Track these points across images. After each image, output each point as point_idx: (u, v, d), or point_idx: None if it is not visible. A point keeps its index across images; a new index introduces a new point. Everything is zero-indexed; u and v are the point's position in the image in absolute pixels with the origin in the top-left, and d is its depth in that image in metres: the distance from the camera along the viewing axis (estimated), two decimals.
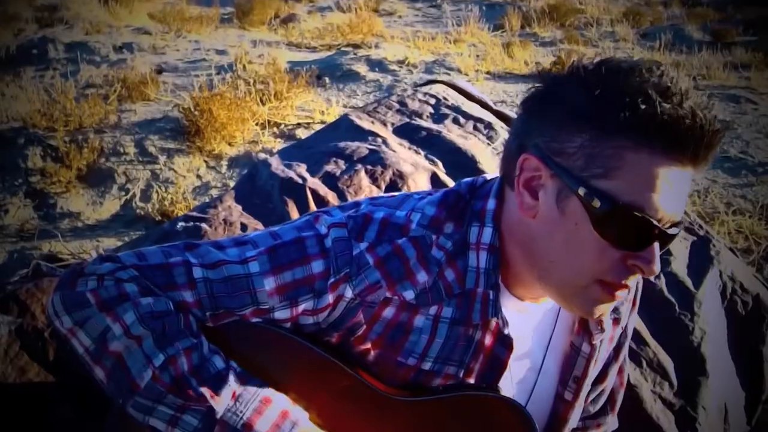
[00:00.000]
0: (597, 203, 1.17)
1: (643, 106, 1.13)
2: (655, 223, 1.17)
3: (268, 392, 1.28)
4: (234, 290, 1.29)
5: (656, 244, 1.19)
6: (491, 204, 1.34)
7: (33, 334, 2.17)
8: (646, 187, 1.16)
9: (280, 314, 1.32)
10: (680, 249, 2.88)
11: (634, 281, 1.25)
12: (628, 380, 2.43)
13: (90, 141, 4.65)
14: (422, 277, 1.33)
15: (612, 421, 1.72)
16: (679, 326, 2.67)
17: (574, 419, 1.58)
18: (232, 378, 1.26)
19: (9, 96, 5.40)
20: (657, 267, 1.20)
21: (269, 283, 1.29)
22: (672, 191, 1.17)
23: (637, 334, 2.58)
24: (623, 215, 1.16)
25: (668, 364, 2.59)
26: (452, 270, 1.33)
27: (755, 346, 2.80)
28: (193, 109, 4.89)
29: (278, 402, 1.28)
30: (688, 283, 2.76)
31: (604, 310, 1.30)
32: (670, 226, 1.19)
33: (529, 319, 1.46)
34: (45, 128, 4.77)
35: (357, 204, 1.42)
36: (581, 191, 1.18)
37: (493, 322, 1.35)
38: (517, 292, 1.38)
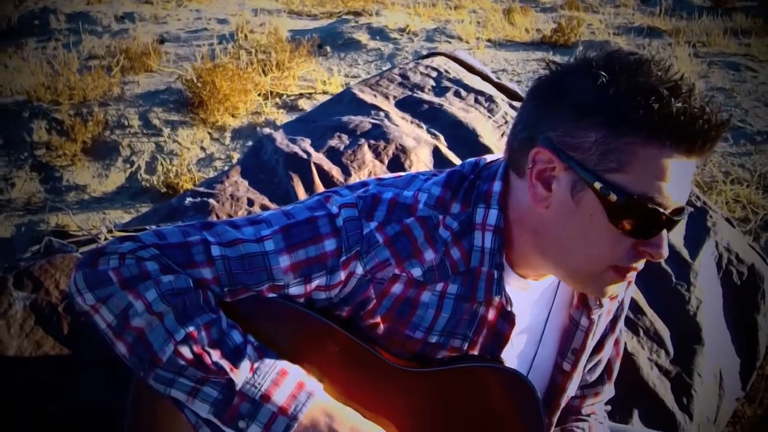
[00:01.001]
0: (613, 197, 1.23)
1: (655, 105, 1.18)
2: (665, 212, 1.24)
3: (285, 364, 1.35)
4: (250, 267, 1.35)
5: (665, 232, 1.26)
6: (497, 186, 1.40)
7: (47, 309, 2.22)
8: (657, 180, 1.23)
9: (294, 290, 1.38)
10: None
11: (643, 264, 1.32)
12: (626, 349, 2.50)
13: (94, 114, 4.68)
14: (429, 255, 1.39)
15: (609, 389, 1.80)
16: (676, 296, 2.73)
17: (572, 388, 1.65)
18: (249, 351, 1.33)
19: (12, 68, 5.40)
20: (665, 252, 1.28)
21: (284, 261, 1.36)
22: (679, 181, 1.24)
23: (634, 304, 2.64)
24: (637, 207, 1.23)
25: (665, 332, 2.66)
26: (458, 249, 1.40)
27: (750, 315, 2.87)
28: (195, 81, 4.91)
29: (294, 374, 1.34)
30: (685, 253, 2.82)
31: (615, 290, 1.38)
32: (676, 213, 1.26)
33: (530, 295, 1.52)
34: (49, 102, 4.79)
35: (365, 184, 1.48)
36: (597, 185, 1.24)
37: (497, 299, 1.42)
38: (520, 270, 1.45)
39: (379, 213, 1.40)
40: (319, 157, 2.85)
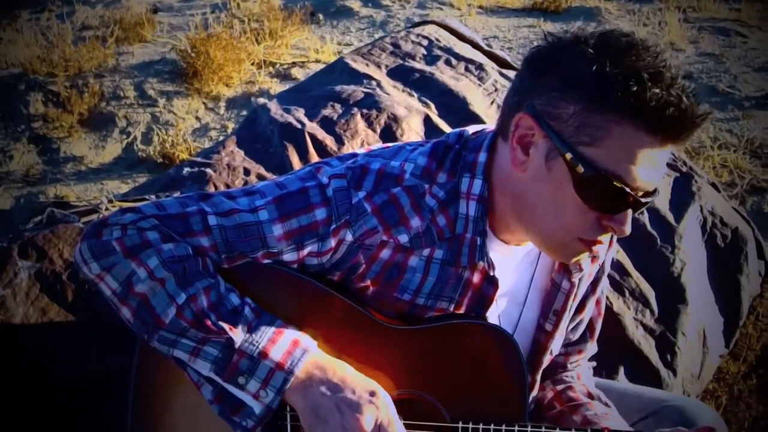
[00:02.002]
0: (581, 169, 1.30)
1: (634, 88, 1.24)
2: (631, 192, 1.30)
3: (280, 324, 1.43)
4: (246, 236, 1.43)
5: (629, 211, 1.34)
6: (482, 157, 1.47)
7: (52, 277, 2.29)
8: (627, 160, 1.29)
9: (287, 257, 1.46)
10: (663, 185, 3.00)
11: (608, 238, 1.41)
12: (612, 309, 2.59)
13: (90, 86, 4.71)
14: (416, 222, 1.47)
15: (591, 347, 1.88)
16: (661, 258, 2.82)
17: (555, 347, 1.73)
18: (247, 312, 1.41)
19: (6, 41, 5.40)
20: (628, 229, 1.35)
21: (277, 230, 1.43)
22: (650, 165, 1.30)
23: (620, 266, 2.73)
24: (603, 182, 1.30)
25: (650, 293, 2.74)
26: (444, 216, 1.47)
27: (733, 276, 2.96)
28: (190, 51, 4.94)
29: (289, 332, 1.42)
30: (670, 217, 2.90)
31: (581, 259, 1.48)
32: (644, 195, 1.33)
33: (513, 259, 1.60)
34: (45, 74, 4.81)
35: (354, 155, 1.55)
36: (568, 155, 1.31)
37: (480, 264, 1.49)
38: (503, 236, 1.53)
39: (367, 183, 1.47)
40: (313, 127, 2.91)
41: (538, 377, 1.75)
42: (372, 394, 1.39)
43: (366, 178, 1.48)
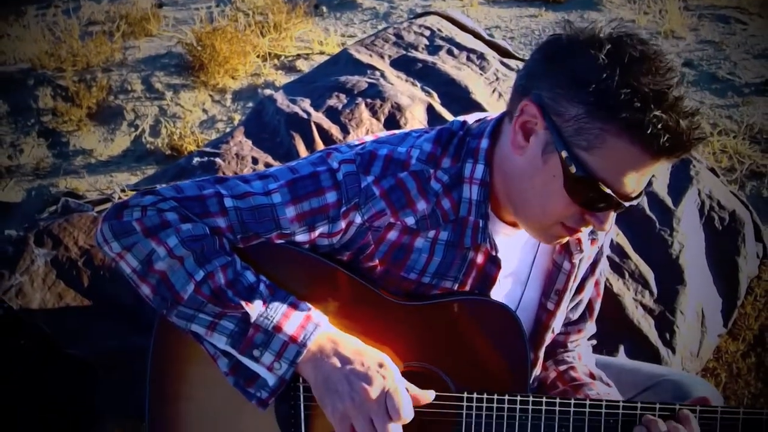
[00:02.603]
0: (573, 169, 1.37)
1: (636, 104, 1.29)
2: (617, 198, 1.37)
3: (294, 300, 1.50)
4: (260, 218, 1.50)
5: (612, 212, 1.43)
6: (484, 143, 1.54)
7: (68, 264, 2.37)
8: (618, 170, 1.36)
9: (300, 237, 1.53)
10: (661, 170, 3.07)
11: (589, 229, 1.49)
12: (612, 289, 2.66)
13: (98, 80, 4.76)
14: (422, 205, 1.54)
15: (590, 326, 1.94)
16: (659, 240, 2.88)
17: (556, 325, 1.80)
18: (262, 288, 1.48)
19: (14, 37, 5.44)
20: (608, 227, 1.44)
21: (290, 212, 1.50)
22: (640, 177, 1.37)
23: (620, 248, 2.79)
24: (592, 185, 1.37)
25: (649, 274, 2.81)
26: (448, 200, 1.54)
27: (731, 257, 3.02)
28: (195, 44, 4.99)
29: (302, 307, 1.50)
30: (668, 201, 2.97)
31: (562, 242, 1.55)
32: (628, 199, 1.40)
33: (516, 241, 1.67)
34: (53, 69, 4.86)
35: (362, 142, 1.62)
36: (564, 154, 1.37)
37: (484, 246, 1.57)
38: (506, 218, 1.60)
39: (376, 168, 1.54)
40: (318, 117, 2.97)
41: (541, 354, 1.81)
42: (380, 365, 1.46)
43: (374, 163, 1.55)
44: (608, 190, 1.37)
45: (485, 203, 1.55)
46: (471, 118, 1.64)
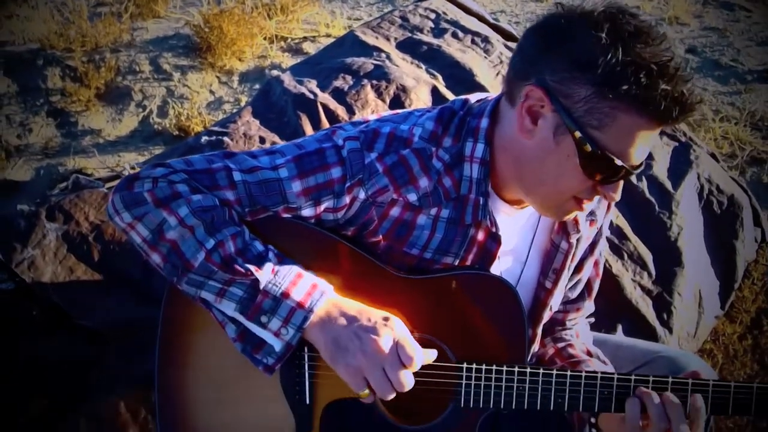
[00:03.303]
0: (588, 148, 1.43)
1: (644, 81, 1.36)
2: (630, 170, 1.45)
3: (301, 269, 1.55)
4: (268, 191, 1.55)
5: (621, 181, 1.49)
6: (484, 123, 1.59)
7: (78, 239, 2.42)
8: (629, 143, 1.43)
9: (306, 212, 1.58)
10: (662, 154, 3.11)
11: (598, 198, 1.56)
12: (611, 270, 2.71)
13: (106, 60, 4.79)
14: (424, 182, 1.59)
15: (589, 305, 2.00)
16: (658, 223, 2.93)
17: (555, 303, 1.85)
18: (271, 257, 1.53)
19: (23, 17, 5.47)
20: (619, 196, 1.52)
21: (296, 186, 1.55)
22: (645, 145, 1.45)
23: (619, 230, 2.84)
24: (607, 162, 1.43)
25: (647, 256, 2.86)
26: (449, 178, 1.59)
27: (729, 241, 3.06)
28: (203, 26, 5.02)
29: (309, 276, 1.55)
30: (668, 185, 3.01)
31: (573, 215, 1.61)
32: (635, 167, 1.48)
33: (516, 220, 1.72)
34: (62, 49, 4.89)
35: (366, 120, 1.67)
36: (577, 134, 1.43)
37: (484, 224, 1.62)
38: (506, 196, 1.65)
39: (379, 145, 1.59)
40: (325, 97, 3.01)
41: (539, 331, 1.87)
42: (385, 318, 1.52)
43: (378, 140, 1.60)
44: (622, 163, 1.43)
45: (485, 181, 1.59)
46: (473, 98, 1.68)
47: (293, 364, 1.60)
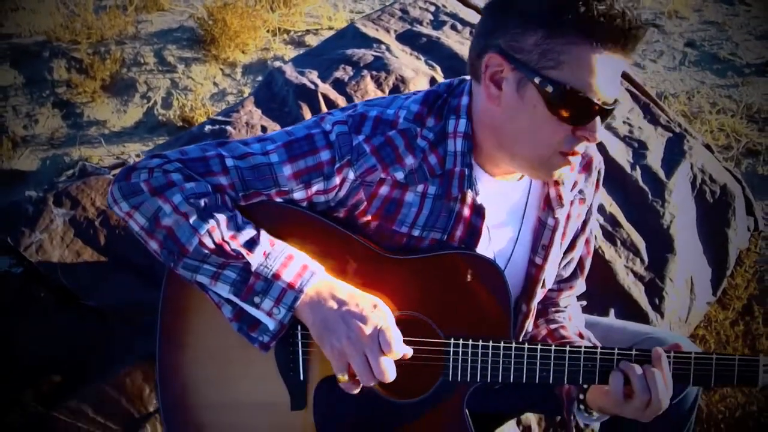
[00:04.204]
0: (549, 89, 1.49)
1: (582, 9, 1.43)
2: (595, 101, 1.49)
3: (292, 250, 1.62)
4: (260, 175, 1.62)
5: (598, 118, 1.53)
6: (465, 100, 1.66)
7: (85, 224, 2.48)
8: (587, 74, 1.48)
9: (297, 195, 1.65)
10: (656, 144, 3.17)
11: (584, 147, 1.58)
12: (604, 256, 2.77)
13: (112, 52, 4.86)
14: (410, 160, 1.66)
15: (581, 283, 2.06)
16: (651, 211, 2.99)
17: (548, 280, 1.91)
18: (262, 240, 1.60)
19: (29, 9, 5.53)
20: (599, 136, 1.55)
21: (287, 170, 1.62)
22: (608, 75, 1.50)
23: (613, 218, 2.90)
24: (570, 97, 1.49)
25: (640, 243, 2.92)
26: (434, 155, 1.66)
27: (721, 229, 3.13)
28: (207, 19, 5.08)
29: (299, 257, 1.61)
30: (661, 174, 3.07)
31: (561, 174, 1.64)
32: (607, 105, 1.52)
33: (504, 198, 1.78)
34: (68, 41, 4.96)
35: (354, 106, 1.75)
36: (536, 80, 1.50)
37: (469, 195, 1.68)
38: (490, 170, 1.71)
39: (366, 128, 1.66)
40: (325, 88, 3.07)
41: (533, 306, 1.92)
42: (374, 306, 1.58)
43: (365, 123, 1.67)
44: (588, 96, 1.49)
45: (469, 154, 1.67)
46: (456, 80, 1.76)
47: (287, 342, 1.67)
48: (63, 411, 2.09)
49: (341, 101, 3.01)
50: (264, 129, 2.91)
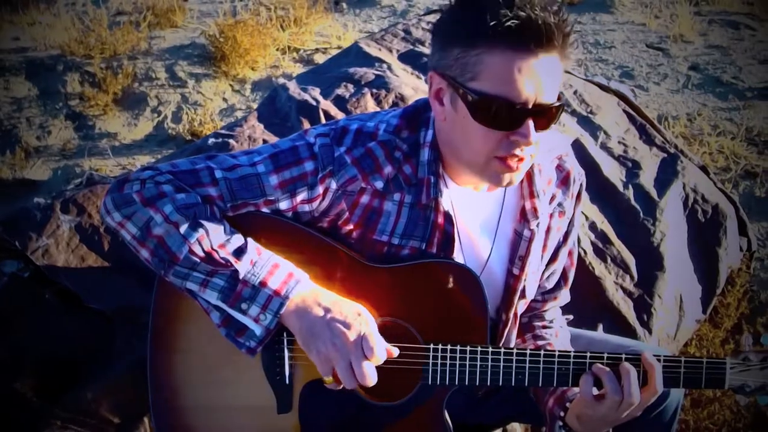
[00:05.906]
0: (470, 98, 1.56)
1: (487, 17, 1.50)
2: (518, 105, 1.55)
3: (278, 259, 1.70)
4: (247, 186, 1.71)
5: (529, 122, 1.57)
6: (433, 113, 1.75)
7: (90, 230, 2.57)
8: (506, 79, 1.53)
9: (283, 204, 1.74)
10: (650, 164, 3.24)
11: (521, 152, 1.62)
12: (594, 272, 2.83)
13: (124, 67, 4.96)
14: (388, 170, 1.75)
15: (565, 293, 2.13)
16: (642, 229, 3.05)
17: (530, 291, 1.97)
18: (249, 249, 1.68)
19: (45, 24, 5.65)
20: (533, 138, 1.58)
21: (273, 180, 1.71)
22: (530, 78, 1.54)
23: (603, 235, 2.97)
24: (491, 104, 1.55)
25: (630, 260, 2.98)
26: (409, 165, 1.76)
27: (712, 248, 3.18)
28: (218, 36, 5.18)
29: (285, 266, 1.70)
30: (653, 193, 3.13)
31: (510, 179, 1.68)
32: (538, 105, 1.56)
33: (475, 207, 1.86)
34: (82, 55, 5.07)
35: (337, 120, 1.84)
36: (461, 91, 1.58)
37: (440, 203, 1.76)
38: (456, 179, 1.80)
39: (347, 140, 1.76)
40: (327, 104, 3.17)
41: (511, 316, 1.97)
42: (358, 313, 1.66)
43: (346, 136, 1.77)
44: (507, 96, 1.53)
45: (436, 163, 1.75)
46: None
47: (273, 348, 1.74)
48: (63, 409, 2.18)
49: (341, 117, 3.09)
50: (266, 143, 2.98)
